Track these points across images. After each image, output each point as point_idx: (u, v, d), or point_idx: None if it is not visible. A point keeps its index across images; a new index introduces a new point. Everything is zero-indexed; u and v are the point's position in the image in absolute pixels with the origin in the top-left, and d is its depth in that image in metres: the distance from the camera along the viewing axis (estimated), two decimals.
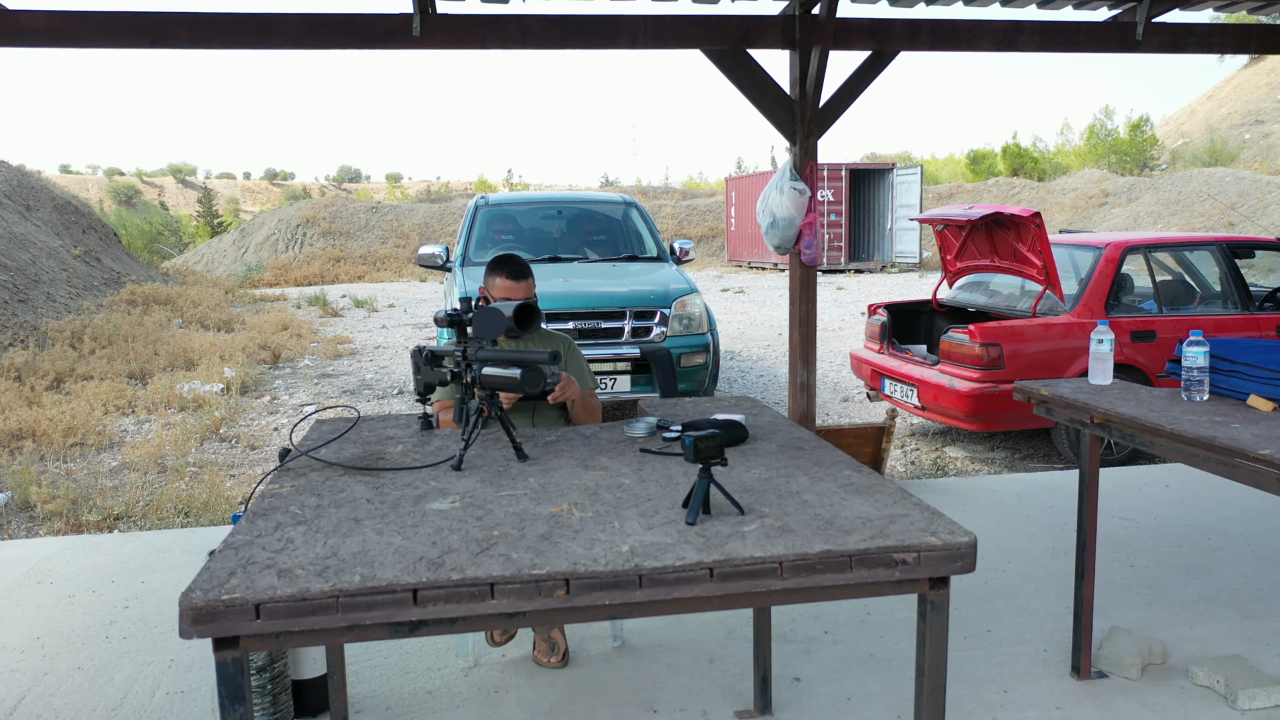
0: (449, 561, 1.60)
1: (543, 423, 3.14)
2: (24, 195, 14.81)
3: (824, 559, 1.63)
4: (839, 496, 1.94)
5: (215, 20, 4.21)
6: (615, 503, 1.93)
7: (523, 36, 4.40)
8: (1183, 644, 3.19)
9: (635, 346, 6.10)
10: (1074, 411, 2.90)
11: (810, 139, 4.68)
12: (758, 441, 2.44)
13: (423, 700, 2.90)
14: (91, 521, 5.03)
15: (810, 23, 4.53)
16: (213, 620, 1.46)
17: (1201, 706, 2.79)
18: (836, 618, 3.43)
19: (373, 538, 1.74)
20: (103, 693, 2.98)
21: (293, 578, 1.54)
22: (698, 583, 1.60)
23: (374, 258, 26.33)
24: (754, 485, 2.04)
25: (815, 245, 4.74)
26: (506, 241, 7.61)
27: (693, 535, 1.72)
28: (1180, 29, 4.90)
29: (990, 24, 4.74)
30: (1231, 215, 20.51)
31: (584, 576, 1.56)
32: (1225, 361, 2.82)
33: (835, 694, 2.90)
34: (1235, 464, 2.30)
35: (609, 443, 2.45)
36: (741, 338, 12.10)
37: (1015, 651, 3.17)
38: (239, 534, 1.76)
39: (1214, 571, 3.84)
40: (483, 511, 1.88)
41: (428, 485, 2.08)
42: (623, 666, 3.09)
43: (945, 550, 1.66)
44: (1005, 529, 4.38)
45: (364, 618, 1.51)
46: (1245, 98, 36.23)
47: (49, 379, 8.47)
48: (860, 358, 6.94)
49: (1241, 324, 5.97)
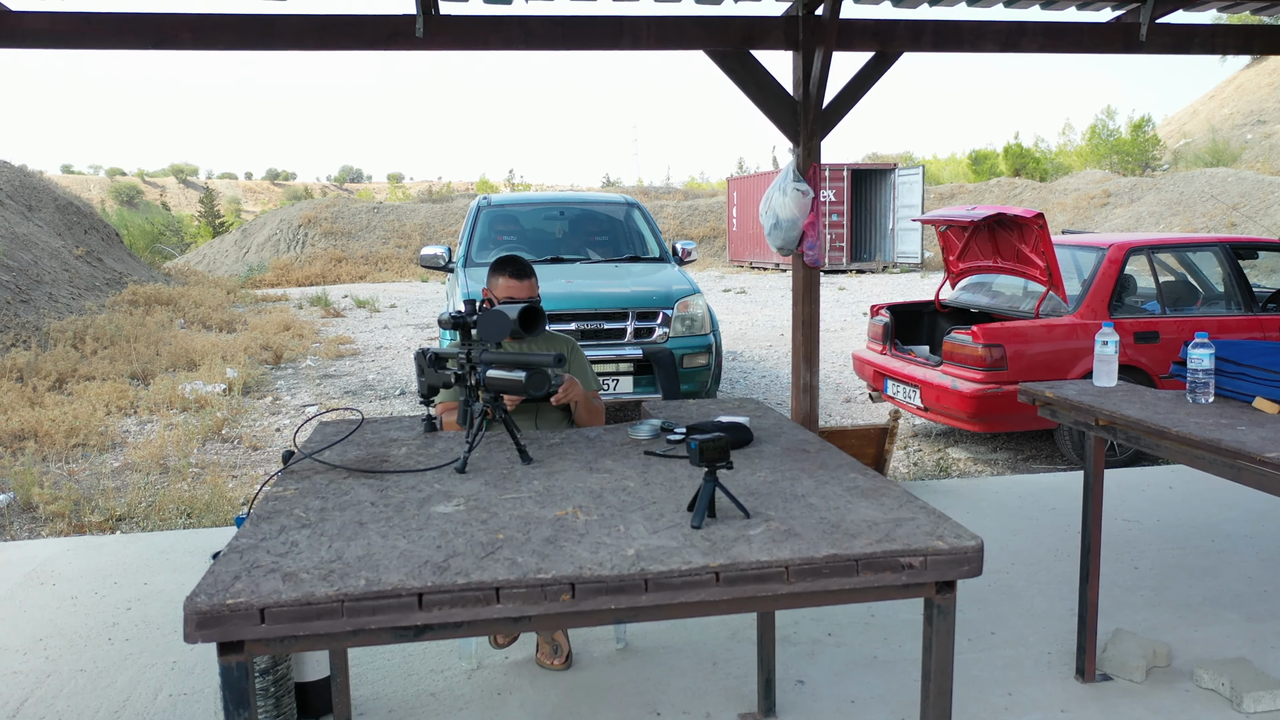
0: (454, 565, 1.60)
1: (546, 424, 3.14)
2: (26, 196, 14.81)
3: (830, 563, 1.63)
4: (845, 500, 1.93)
5: (218, 21, 4.20)
6: (620, 506, 1.93)
7: (525, 37, 4.39)
8: (1187, 646, 3.18)
9: (638, 347, 6.09)
10: (1079, 414, 2.89)
11: (813, 140, 4.67)
12: (762, 444, 2.43)
13: (426, 702, 2.90)
14: (94, 523, 5.03)
15: (813, 24, 4.52)
16: (218, 625, 1.46)
17: (1207, 709, 2.78)
18: (840, 620, 3.42)
19: (377, 541, 1.73)
20: (105, 695, 2.98)
21: (297, 582, 1.54)
22: (704, 587, 1.59)
23: (376, 258, 26.34)
24: (759, 488, 2.03)
25: (818, 246, 4.73)
26: (509, 242, 7.61)
27: (698, 539, 1.71)
28: (1184, 30, 4.89)
29: (994, 25, 4.73)
30: (1234, 215, 20.49)
31: (589, 581, 1.56)
32: (1230, 364, 2.81)
33: (839, 697, 2.90)
34: (1241, 467, 2.30)
35: (613, 445, 2.45)
36: (743, 338, 12.09)
37: (1019, 654, 3.16)
38: (243, 537, 1.76)
39: (1218, 573, 3.83)
40: (487, 515, 1.88)
41: (432, 488, 2.08)
42: (626, 669, 3.09)
43: (952, 554, 1.65)
44: (1009, 530, 4.38)
45: (369, 622, 1.50)
46: (1247, 98, 36.20)
47: (51, 379, 8.48)
48: (863, 359, 6.93)
49: (1245, 325, 5.96)
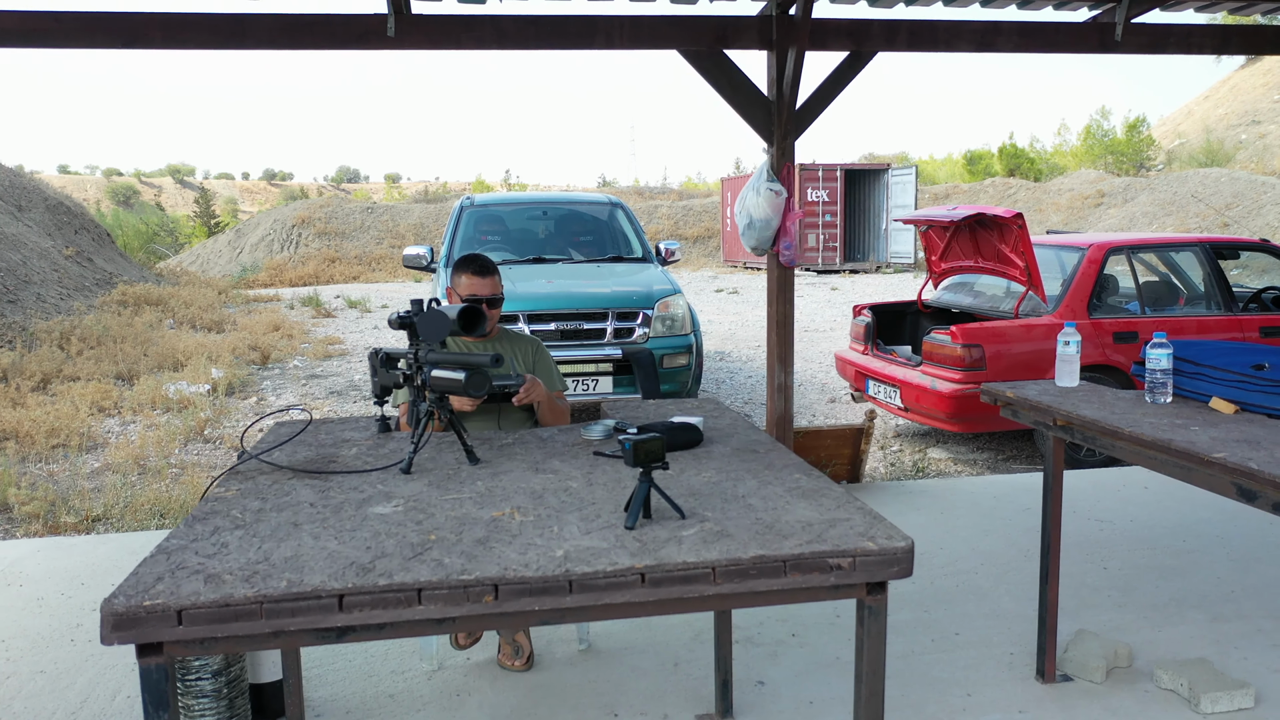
0: (379, 566, 1.59)
1: (509, 425, 3.13)
2: (16, 196, 14.79)
3: (758, 564, 1.62)
4: (784, 501, 1.92)
5: (189, 21, 4.19)
6: (559, 506, 1.92)
7: (498, 37, 4.39)
8: (1150, 647, 3.18)
9: (617, 348, 6.08)
10: (1038, 414, 2.89)
11: (787, 139, 4.67)
12: (714, 444, 2.43)
13: (384, 704, 2.89)
14: (68, 524, 5.02)
15: (787, 23, 4.52)
16: (134, 626, 1.45)
17: (1164, 710, 2.78)
18: (805, 620, 3.42)
19: (308, 542, 1.72)
20: (64, 696, 2.97)
21: (219, 583, 1.53)
22: (629, 588, 1.58)
23: (369, 258, 26.30)
24: (701, 489, 2.02)
25: (794, 247, 4.73)
26: (492, 242, 7.59)
27: (630, 540, 1.70)
28: (1160, 30, 4.89)
29: (969, 25, 4.72)
30: (1226, 215, 20.49)
31: (513, 582, 1.55)
32: (1189, 364, 2.80)
33: (798, 698, 2.89)
34: (1190, 468, 2.29)
35: (565, 445, 2.44)
36: (733, 338, 12.08)
37: (982, 654, 3.15)
38: (174, 538, 1.75)
39: (1187, 574, 3.82)
40: (424, 515, 1.87)
41: (375, 489, 2.07)
42: (587, 670, 3.08)
43: (881, 555, 1.65)
44: (980, 531, 4.37)
45: (288, 624, 1.50)
46: (1242, 98, 36.22)
47: (35, 380, 8.46)
48: (845, 359, 6.92)
49: (1225, 325, 5.96)
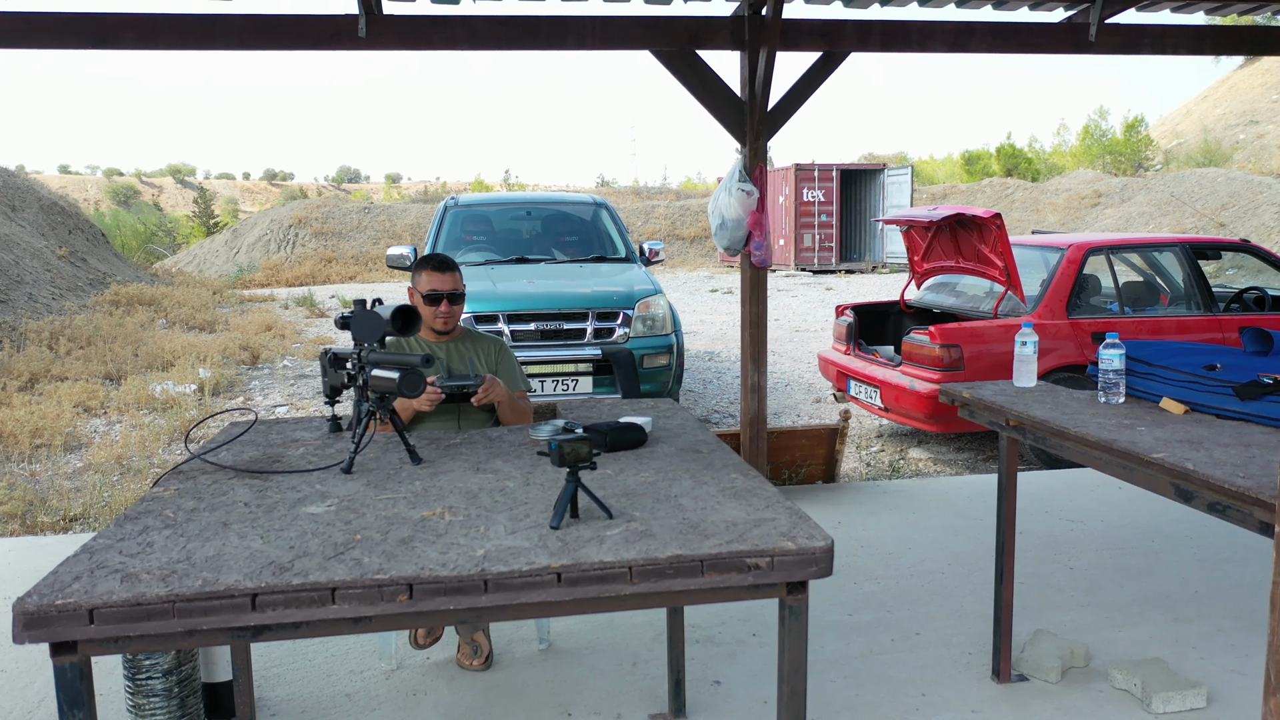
0: (297, 566, 1.60)
1: (469, 425, 3.13)
2: (9, 196, 14.81)
3: (674, 564, 1.63)
4: (715, 501, 1.93)
5: (160, 21, 4.20)
6: (491, 506, 1.92)
7: (470, 37, 4.39)
8: (1109, 647, 3.18)
9: (597, 348, 6.09)
10: (991, 414, 2.90)
11: (760, 140, 4.67)
12: (659, 444, 2.43)
13: (340, 703, 2.90)
14: (45, 523, 5.03)
15: (759, 24, 4.52)
16: (45, 625, 1.46)
17: (1117, 710, 2.78)
18: (767, 619, 3.42)
19: (234, 541, 1.73)
20: (21, 696, 2.97)
21: (135, 582, 1.54)
22: (545, 587, 1.59)
23: (366, 258, 26.30)
24: (637, 489, 2.03)
25: (765, 246, 4.73)
26: (476, 242, 7.61)
27: (552, 540, 1.71)
28: (1133, 30, 4.89)
29: (942, 25, 4.72)
30: (1222, 215, 20.48)
31: (427, 581, 1.56)
32: (1141, 364, 2.81)
33: (753, 697, 2.89)
34: (1131, 468, 2.30)
35: (511, 445, 2.45)
36: (723, 338, 12.08)
37: (940, 654, 3.16)
38: (101, 538, 1.76)
39: (1153, 574, 3.82)
40: (354, 515, 1.88)
41: (311, 489, 2.08)
42: (545, 669, 3.09)
43: (799, 555, 1.65)
44: (951, 530, 4.37)
45: (201, 623, 1.50)
46: (1240, 98, 36.17)
47: (23, 379, 8.47)
48: (827, 359, 6.93)
49: (1204, 325, 5.96)
